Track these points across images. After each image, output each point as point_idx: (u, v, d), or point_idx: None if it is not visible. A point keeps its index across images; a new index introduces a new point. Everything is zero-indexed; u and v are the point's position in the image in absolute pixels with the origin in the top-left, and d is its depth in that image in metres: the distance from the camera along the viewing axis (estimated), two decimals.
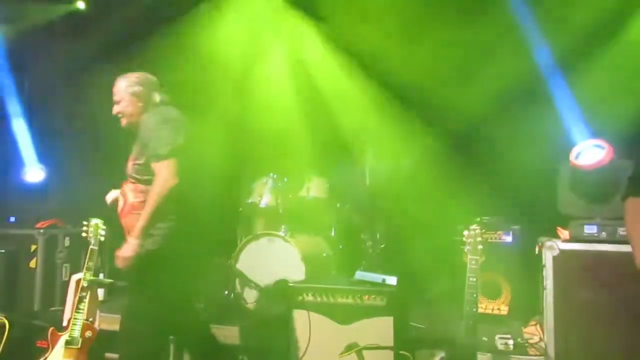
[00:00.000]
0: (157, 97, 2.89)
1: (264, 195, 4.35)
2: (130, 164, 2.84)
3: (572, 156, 3.31)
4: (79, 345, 3.24)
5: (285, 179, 4.37)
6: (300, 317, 3.11)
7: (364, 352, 2.92)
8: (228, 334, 3.64)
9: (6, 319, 3.48)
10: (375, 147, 4.25)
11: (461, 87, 4.48)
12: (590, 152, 3.28)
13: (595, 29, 4.03)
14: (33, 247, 4.27)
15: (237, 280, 4.05)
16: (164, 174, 2.64)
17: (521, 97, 4.35)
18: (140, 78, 2.92)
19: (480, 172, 4.45)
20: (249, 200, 4.45)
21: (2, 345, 3.42)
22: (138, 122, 2.83)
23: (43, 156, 5.07)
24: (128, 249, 2.69)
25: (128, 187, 2.85)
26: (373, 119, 4.57)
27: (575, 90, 4.13)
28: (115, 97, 2.90)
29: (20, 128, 4.96)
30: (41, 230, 4.31)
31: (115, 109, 2.91)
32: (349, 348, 2.90)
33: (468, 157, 4.54)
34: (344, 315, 3.01)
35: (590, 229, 3.12)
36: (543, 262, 3.22)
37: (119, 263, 2.73)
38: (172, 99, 2.96)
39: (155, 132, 2.71)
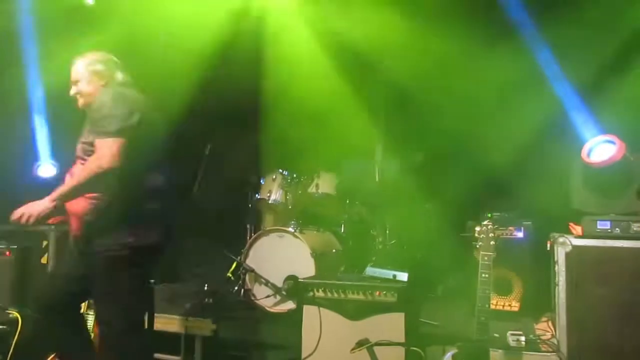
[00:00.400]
0: (119, 77, 2.71)
1: (273, 191, 4.36)
2: (79, 144, 2.61)
3: (583, 153, 3.27)
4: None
5: (295, 175, 4.37)
6: (310, 313, 3.10)
7: (375, 348, 2.91)
8: (237, 329, 3.66)
9: (19, 314, 3.51)
10: (386, 143, 4.22)
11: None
12: (601, 148, 3.25)
13: None
14: (44, 243, 4.30)
15: (247, 276, 4.05)
16: (104, 151, 2.37)
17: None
18: (101, 56, 2.73)
19: (492, 167, 4.44)
20: (258, 196, 4.46)
21: (14, 340, 3.45)
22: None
23: (55, 152, 5.11)
24: (36, 206, 2.45)
25: (76, 169, 2.62)
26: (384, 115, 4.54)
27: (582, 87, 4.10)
28: (73, 77, 2.69)
29: (38, 122, 4.99)
30: (52, 227, 4.33)
31: (73, 90, 2.70)
32: (360, 344, 2.89)
33: (479, 153, 4.52)
34: (354, 311, 3.00)
35: (603, 225, 3.08)
36: (555, 258, 3.19)
37: (15, 216, 2.49)
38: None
39: (106, 109, 2.47)
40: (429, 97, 4.59)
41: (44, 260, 4.29)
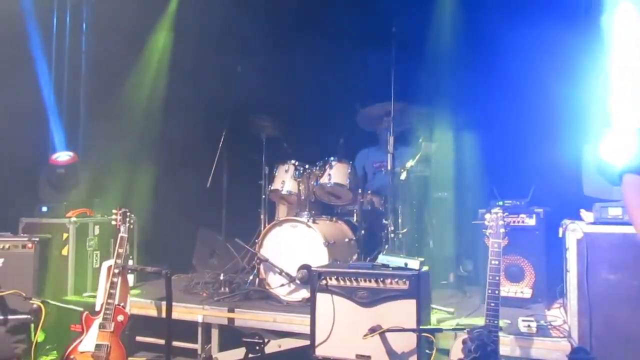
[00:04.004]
0: None
1: (286, 182, 4.41)
2: None
3: (605, 155, 3.21)
4: (112, 329, 3.36)
5: (307, 166, 4.41)
6: (323, 301, 3.16)
7: (387, 335, 2.96)
8: (252, 318, 3.73)
9: (42, 304, 3.63)
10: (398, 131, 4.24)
11: None
12: (620, 145, 3.18)
13: None
14: (65, 236, 4.41)
15: (261, 266, 4.12)
16: None
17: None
18: None
19: (503, 154, 4.44)
20: (271, 187, 4.52)
21: (39, 329, 3.57)
22: None
23: (73, 143, 5.23)
24: None
25: None
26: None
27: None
28: None
29: (53, 114, 5.13)
30: (72, 219, 4.45)
31: None
32: (373, 330, 2.94)
33: (491, 140, 4.52)
34: (367, 299, 3.05)
35: (614, 211, 3.09)
36: (566, 245, 3.21)
37: None
38: None
39: None
40: None
41: (64, 252, 4.41)
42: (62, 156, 4.85)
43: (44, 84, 5.14)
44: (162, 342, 3.64)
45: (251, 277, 4.30)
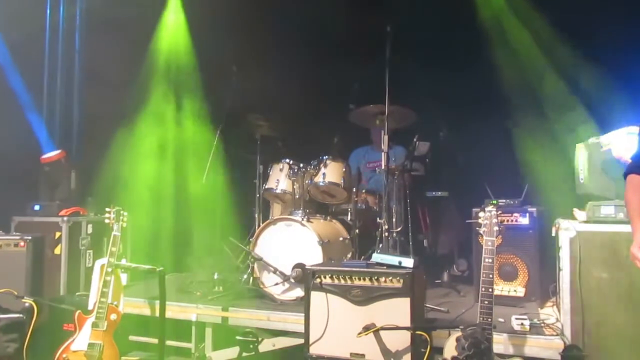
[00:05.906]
0: None
1: (280, 181, 4.40)
2: None
3: (616, 152, 3.21)
4: (105, 328, 3.35)
5: (301, 165, 4.41)
6: (318, 300, 3.16)
7: (382, 333, 2.96)
8: (246, 317, 3.73)
9: (34, 302, 3.61)
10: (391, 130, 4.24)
11: None
12: (624, 141, 3.19)
13: None
14: (57, 235, 4.39)
15: (255, 265, 4.12)
16: None
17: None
18: None
19: (497, 154, 4.46)
20: (266, 186, 4.51)
21: (31, 328, 3.55)
22: None
23: (65, 142, 5.20)
24: None
25: None
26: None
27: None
28: None
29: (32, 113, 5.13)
30: (65, 218, 4.43)
31: None
32: (367, 329, 2.94)
33: (485, 139, 4.55)
34: (361, 297, 3.05)
35: (606, 210, 3.11)
36: (559, 244, 3.22)
37: None
38: None
39: None
40: None
41: (57, 251, 4.38)
42: (50, 154, 4.83)
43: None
44: (155, 341, 3.63)
45: (245, 276, 4.30)
